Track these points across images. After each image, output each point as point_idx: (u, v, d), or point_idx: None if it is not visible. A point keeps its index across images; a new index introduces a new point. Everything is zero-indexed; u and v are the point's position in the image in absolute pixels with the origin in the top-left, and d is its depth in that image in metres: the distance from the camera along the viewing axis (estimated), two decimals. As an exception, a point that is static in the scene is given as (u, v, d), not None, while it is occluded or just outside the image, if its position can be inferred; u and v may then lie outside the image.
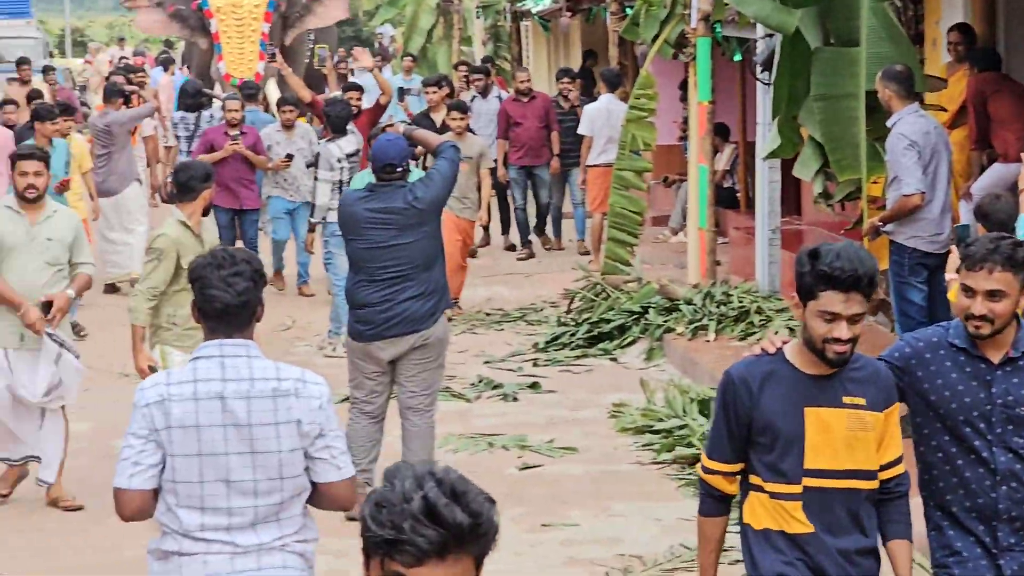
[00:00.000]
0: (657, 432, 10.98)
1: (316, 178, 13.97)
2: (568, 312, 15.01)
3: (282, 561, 5.08)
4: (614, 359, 13.62)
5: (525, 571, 8.57)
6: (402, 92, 24.32)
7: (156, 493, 5.03)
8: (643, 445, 10.91)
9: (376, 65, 18.52)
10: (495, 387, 12.64)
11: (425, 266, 9.14)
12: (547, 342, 14.19)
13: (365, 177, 10.62)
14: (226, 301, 4.99)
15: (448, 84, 18.24)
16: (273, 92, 18.49)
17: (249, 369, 5.00)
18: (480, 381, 12.80)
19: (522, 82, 19.48)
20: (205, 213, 9.50)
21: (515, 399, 12.41)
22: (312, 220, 14.30)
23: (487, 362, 13.61)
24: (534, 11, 28.77)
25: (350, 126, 14.17)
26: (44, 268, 9.32)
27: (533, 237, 19.76)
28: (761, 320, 13.41)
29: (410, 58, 29.30)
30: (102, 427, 11.11)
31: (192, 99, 18.28)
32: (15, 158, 9.54)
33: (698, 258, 15.36)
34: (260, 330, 13.26)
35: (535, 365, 13.55)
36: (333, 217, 12.47)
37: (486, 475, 10.14)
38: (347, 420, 9.51)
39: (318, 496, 5.12)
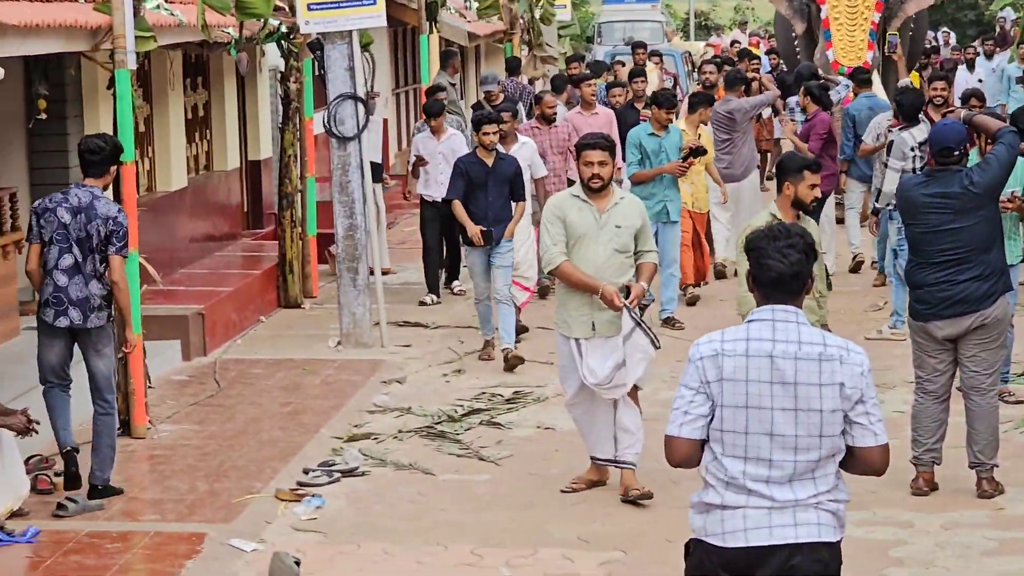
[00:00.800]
0: None
1: (886, 165, 14.30)
2: None
3: (816, 518, 5.41)
4: None
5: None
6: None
7: (703, 445, 5.53)
8: None
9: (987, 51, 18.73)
10: None
11: (983, 249, 9.51)
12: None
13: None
14: (780, 271, 5.43)
15: None
16: (875, 81, 18.69)
17: (798, 333, 5.42)
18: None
19: None
20: (801, 206, 9.51)
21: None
22: (877, 205, 14.59)
23: None
24: None
25: (921, 115, 14.40)
26: (613, 255, 9.70)
27: None
28: None
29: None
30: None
31: (807, 82, 18.38)
32: (579, 147, 9.86)
33: None
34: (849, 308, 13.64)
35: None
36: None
37: None
38: (912, 401, 10.00)
39: (852, 460, 5.49)
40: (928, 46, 28.26)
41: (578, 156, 9.80)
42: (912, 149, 14.03)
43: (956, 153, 9.67)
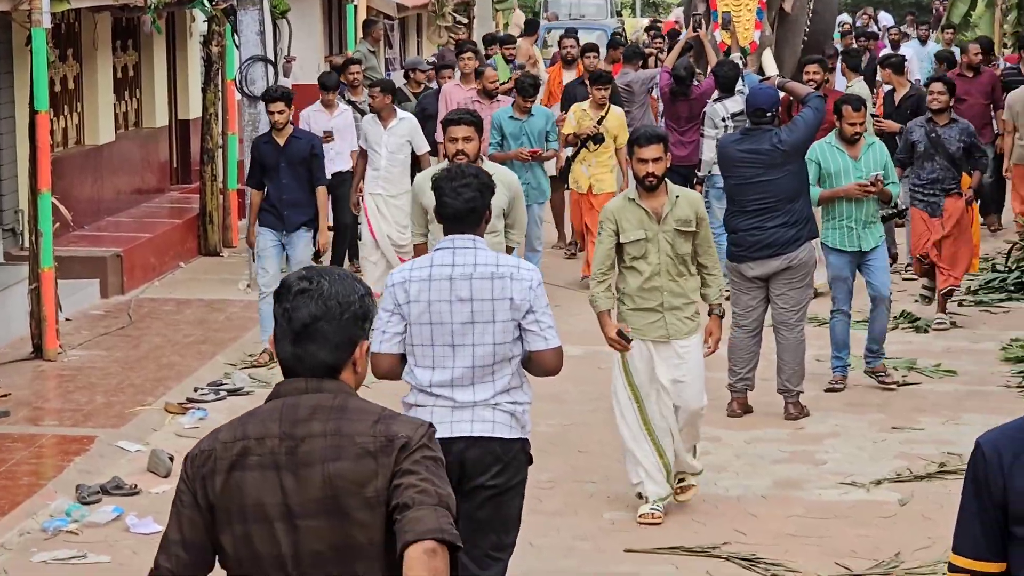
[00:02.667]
0: (1035, 361, 12.25)
1: (702, 135, 15.28)
2: (1007, 260, 16.17)
3: (492, 416, 6.27)
4: (1037, 303, 14.77)
5: (860, 459, 10.18)
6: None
7: (403, 358, 6.40)
8: (1017, 372, 12.20)
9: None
10: (912, 320, 14.06)
11: (789, 199, 10.78)
12: (980, 286, 15.46)
13: None
14: (456, 207, 6.39)
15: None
16: (768, 63, 18.31)
17: (474, 257, 6.30)
18: (901, 314, 14.20)
19: (976, 54, 18.54)
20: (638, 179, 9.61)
21: (926, 331, 13.81)
22: (699, 174, 15.22)
23: (916, 300, 14.98)
24: None
25: (739, 86, 14.99)
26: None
27: None
28: None
29: (951, 31, 27.88)
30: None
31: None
32: (444, 123, 9.11)
33: None
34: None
35: (960, 305, 14.85)
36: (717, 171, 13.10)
37: (864, 390, 11.79)
38: (728, 335, 11.30)
39: (531, 363, 6.42)
40: (844, 31, 28.65)
41: (444, 132, 9.11)
42: (723, 119, 14.82)
43: (768, 114, 10.94)
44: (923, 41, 27.87)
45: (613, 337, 8.69)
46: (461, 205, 6.38)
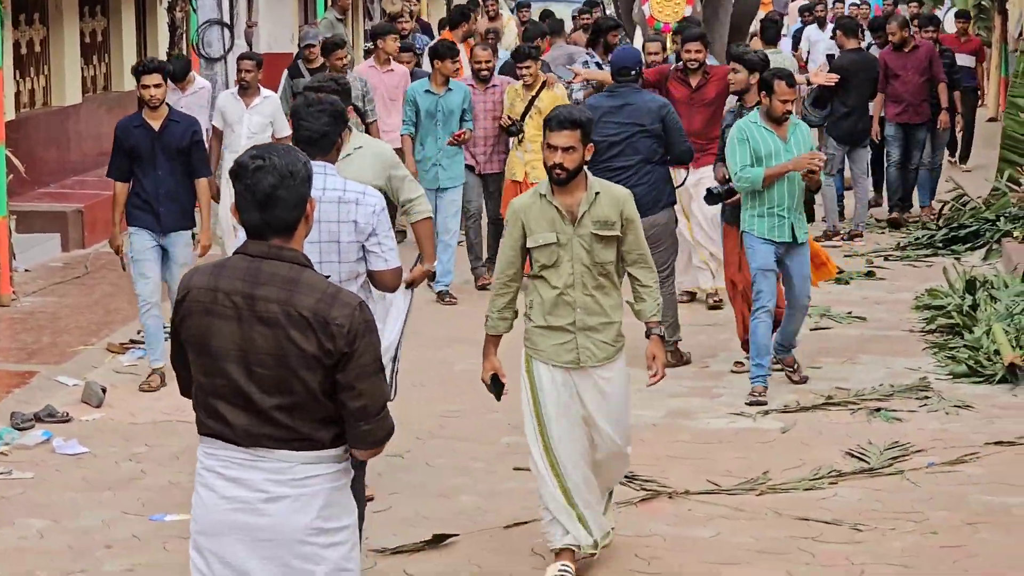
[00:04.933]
0: (939, 309, 12.84)
1: None
2: (937, 219, 16.78)
3: None
4: (958, 258, 15.35)
5: (744, 384, 10.78)
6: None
7: None
8: (922, 319, 12.81)
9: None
10: (839, 273, 14.65)
11: (648, 160, 11.13)
12: (909, 243, 16.08)
13: None
14: (312, 130, 6.93)
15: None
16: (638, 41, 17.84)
17: (324, 182, 6.74)
18: (828, 268, 14.80)
19: (893, 34, 17.26)
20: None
21: (847, 283, 14.42)
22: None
23: (847, 255, 15.59)
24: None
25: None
26: None
27: None
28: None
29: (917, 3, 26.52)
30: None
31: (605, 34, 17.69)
32: None
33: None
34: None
35: (886, 259, 15.47)
36: None
37: (776, 332, 12.40)
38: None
39: (373, 280, 7.03)
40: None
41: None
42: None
43: (632, 72, 11.40)
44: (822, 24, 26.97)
45: (483, 379, 7.57)
46: (316, 129, 6.92)
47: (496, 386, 7.53)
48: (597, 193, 7.42)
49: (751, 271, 10.77)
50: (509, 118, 14.12)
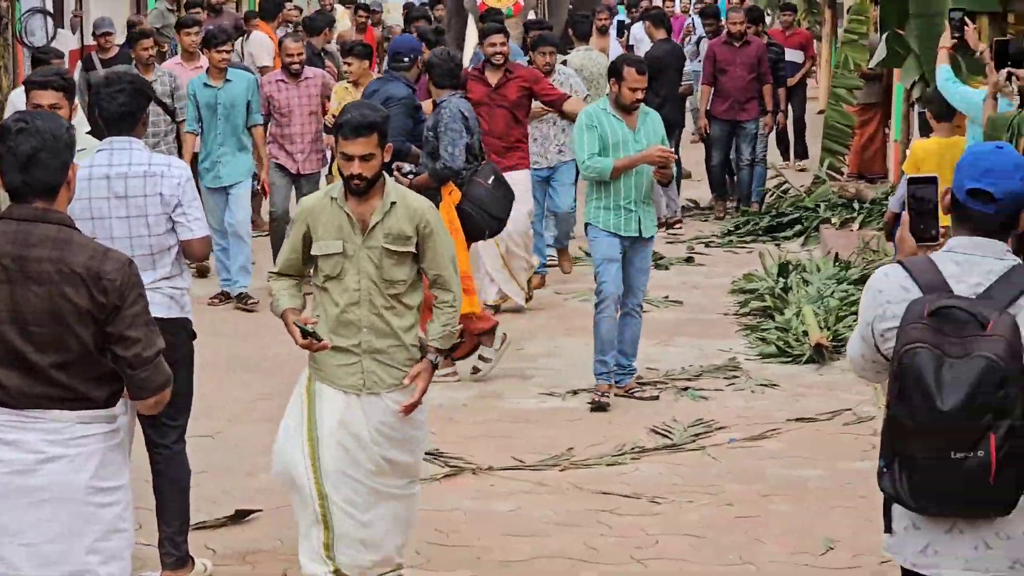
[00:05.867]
0: (753, 292, 13.11)
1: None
2: (760, 206, 17.10)
3: (159, 299, 6.77)
4: (778, 244, 15.64)
5: (566, 375, 10.93)
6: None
7: None
8: (737, 302, 13.06)
9: None
10: (658, 259, 14.84)
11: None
12: (732, 229, 16.37)
13: None
14: (112, 110, 7.03)
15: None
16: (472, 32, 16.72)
17: (129, 157, 6.93)
18: (649, 255, 15.01)
19: (739, 23, 17.23)
20: None
21: (667, 268, 14.64)
22: None
23: (669, 242, 15.82)
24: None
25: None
26: None
27: None
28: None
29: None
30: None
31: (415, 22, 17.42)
32: None
33: (892, 165, 17.22)
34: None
35: (707, 246, 15.74)
36: None
37: (588, 317, 12.55)
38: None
39: (183, 250, 7.09)
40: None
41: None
42: None
43: (406, 60, 11.56)
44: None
45: (302, 342, 6.68)
46: (116, 109, 7.01)
47: (315, 336, 6.67)
48: (393, 203, 6.70)
49: (595, 262, 10.27)
50: (334, 116, 13.31)
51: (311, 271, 6.96)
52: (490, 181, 10.71)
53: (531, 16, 18.18)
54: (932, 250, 4.73)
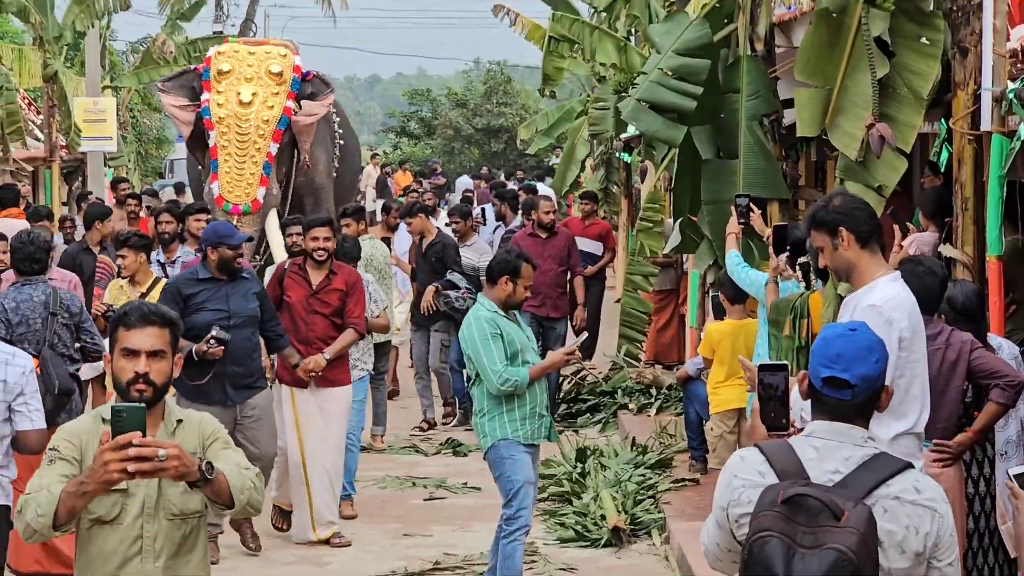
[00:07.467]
0: (551, 477, 13.03)
1: None
2: (558, 394, 17.10)
3: None
4: (577, 430, 15.63)
5: (363, 560, 10.76)
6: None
7: None
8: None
9: None
10: (457, 446, 14.74)
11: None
12: (560, 412, 16.31)
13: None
14: None
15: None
16: (273, 226, 15.31)
17: None
18: (447, 441, 14.92)
19: (547, 212, 16.70)
20: None
21: (466, 455, 14.53)
22: None
23: (468, 429, 15.70)
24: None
25: None
26: None
27: None
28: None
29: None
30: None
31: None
32: None
33: (689, 350, 17.36)
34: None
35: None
36: None
37: (394, 503, 12.42)
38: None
39: (16, 442, 6.99)
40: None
41: None
42: None
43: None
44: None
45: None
46: None
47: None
48: (179, 421, 5.30)
49: (511, 484, 9.22)
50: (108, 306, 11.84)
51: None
52: None
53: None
54: (784, 437, 4.59)
